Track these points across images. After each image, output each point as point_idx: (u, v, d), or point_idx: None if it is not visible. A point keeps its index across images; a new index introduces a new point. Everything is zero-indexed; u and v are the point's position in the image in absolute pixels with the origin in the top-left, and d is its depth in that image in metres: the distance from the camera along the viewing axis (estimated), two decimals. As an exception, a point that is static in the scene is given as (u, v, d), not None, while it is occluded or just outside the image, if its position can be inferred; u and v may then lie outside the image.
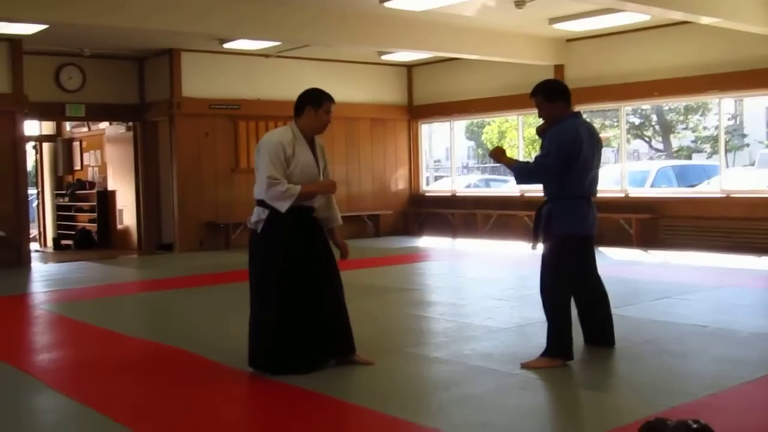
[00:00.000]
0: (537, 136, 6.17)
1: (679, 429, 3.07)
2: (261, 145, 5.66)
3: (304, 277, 5.60)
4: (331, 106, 5.77)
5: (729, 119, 27.77)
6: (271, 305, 5.55)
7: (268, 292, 5.58)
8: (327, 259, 5.76)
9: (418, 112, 17.80)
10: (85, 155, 18.01)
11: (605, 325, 6.13)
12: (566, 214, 5.72)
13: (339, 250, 5.95)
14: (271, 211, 5.56)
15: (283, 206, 5.49)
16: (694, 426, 3.09)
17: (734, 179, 14.86)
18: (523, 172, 5.93)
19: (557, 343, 5.68)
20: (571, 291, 5.85)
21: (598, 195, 5.97)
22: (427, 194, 18.07)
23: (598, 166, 5.91)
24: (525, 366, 5.64)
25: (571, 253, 5.78)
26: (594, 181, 5.87)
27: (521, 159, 11.74)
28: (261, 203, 5.63)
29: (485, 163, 33.85)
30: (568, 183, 5.71)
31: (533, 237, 5.98)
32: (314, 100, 5.75)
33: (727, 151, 17.66)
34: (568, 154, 5.64)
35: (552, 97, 5.84)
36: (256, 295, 5.68)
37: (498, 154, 6.03)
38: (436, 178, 21.75)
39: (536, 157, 5.86)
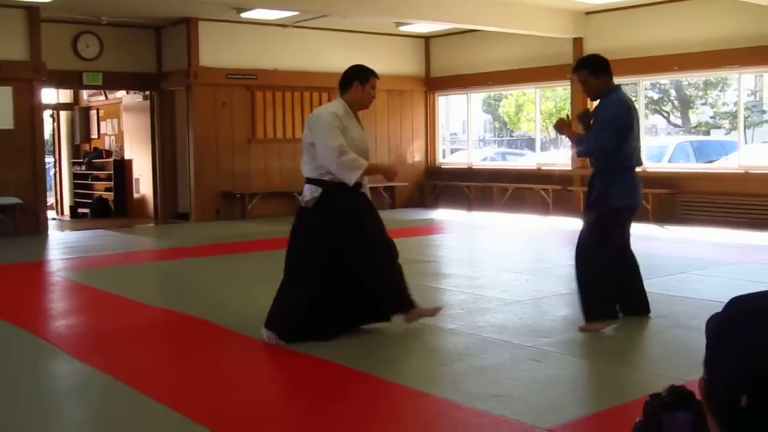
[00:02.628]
0: (579, 122, 6.24)
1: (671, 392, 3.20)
2: (314, 118, 5.72)
3: (354, 252, 5.70)
4: (376, 82, 5.90)
5: (748, 95, 27.48)
6: (317, 279, 5.62)
7: (316, 265, 5.64)
8: (377, 230, 5.86)
9: (435, 84, 17.73)
10: (102, 124, 18.04)
11: (641, 292, 6.22)
12: (622, 186, 5.83)
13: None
14: (325, 188, 5.61)
15: (352, 177, 5.54)
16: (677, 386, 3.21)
17: (753, 155, 14.74)
18: (585, 146, 6.03)
19: (602, 307, 5.82)
20: (613, 257, 5.93)
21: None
22: (443, 167, 18.04)
23: (639, 137, 6.05)
24: (582, 329, 5.80)
25: (621, 223, 5.94)
26: (638, 151, 5.99)
27: (540, 130, 11.72)
28: (312, 181, 5.68)
29: (501, 136, 33.75)
30: (620, 154, 5.82)
31: (585, 209, 6.14)
32: (361, 75, 5.85)
33: (746, 127, 17.53)
34: (623, 126, 5.76)
35: (597, 72, 5.96)
36: (300, 266, 5.71)
37: (562, 126, 6.20)
38: (453, 151, 21.69)
39: (595, 131, 5.92)
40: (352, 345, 5.63)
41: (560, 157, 17.68)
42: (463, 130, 18.29)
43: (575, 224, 13.36)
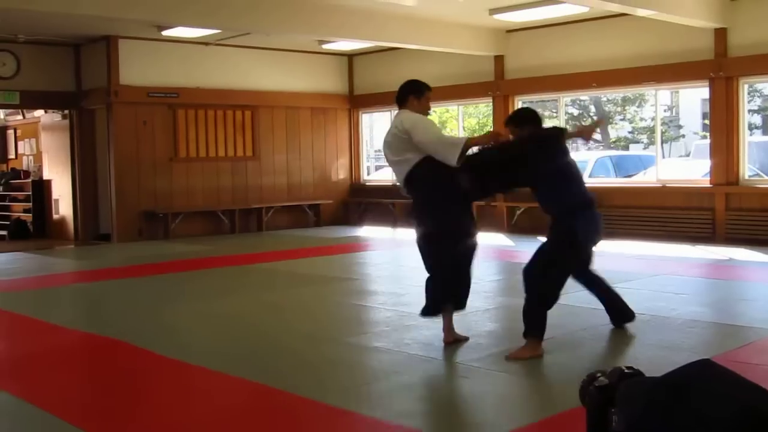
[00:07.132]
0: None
1: (613, 374, 3.26)
2: (406, 121, 5.88)
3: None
4: (430, 94, 6.08)
5: (665, 110, 28.18)
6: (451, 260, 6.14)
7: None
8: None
9: (358, 101, 17.76)
10: (20, 144, 17.68)
11: (618, 302, 6.59)
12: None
13: None
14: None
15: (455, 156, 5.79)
16: (627, 371, 3.27)
17: (670, 169, 15.08)
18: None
19: (539, 324, 5.87)
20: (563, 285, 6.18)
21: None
22: (367, 184, 18.06)
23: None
24: (510, 357, 5.74)
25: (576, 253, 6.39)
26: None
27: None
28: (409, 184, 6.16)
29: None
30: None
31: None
32: (416, 90, 6.06)
33: (663, 141, 17.95)
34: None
35: (521, 125, 6.16)
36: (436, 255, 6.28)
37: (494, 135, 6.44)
38: (377, 168, 21.73)
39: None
40: (278, 364, 5.59)
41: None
42: (387, 147, 18.54)
43: (499, 240, 13.51)
